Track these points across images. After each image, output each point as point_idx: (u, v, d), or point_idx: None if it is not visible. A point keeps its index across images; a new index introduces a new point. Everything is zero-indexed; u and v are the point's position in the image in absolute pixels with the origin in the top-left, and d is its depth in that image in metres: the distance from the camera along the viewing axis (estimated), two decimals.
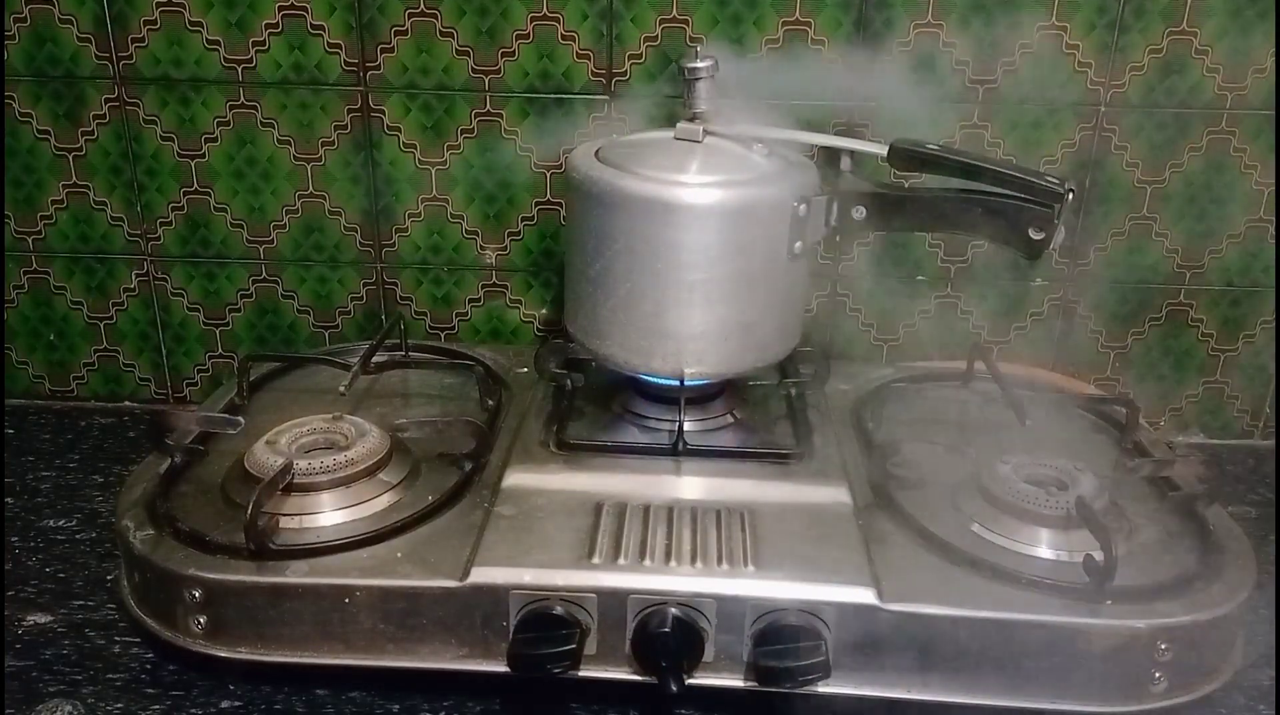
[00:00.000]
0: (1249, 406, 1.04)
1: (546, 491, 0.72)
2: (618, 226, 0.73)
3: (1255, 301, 0.99)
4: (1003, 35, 0.90)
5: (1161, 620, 0.62)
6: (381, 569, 0.65)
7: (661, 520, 0.68)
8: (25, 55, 0.94)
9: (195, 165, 0.97)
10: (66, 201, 0.99)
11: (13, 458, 0.94)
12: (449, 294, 1.02)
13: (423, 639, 0.64)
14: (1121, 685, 0.63)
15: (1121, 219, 0.97)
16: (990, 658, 0.62)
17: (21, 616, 0.72)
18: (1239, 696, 0.67)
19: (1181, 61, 0.91)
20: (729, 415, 0.82)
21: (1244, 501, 0.91)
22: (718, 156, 0.75)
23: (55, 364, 1.06)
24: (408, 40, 0.93)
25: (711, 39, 0.91)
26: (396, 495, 0.72)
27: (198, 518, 0.70)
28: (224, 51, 0.93)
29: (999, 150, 0.94)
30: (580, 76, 0.93)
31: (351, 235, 1.00)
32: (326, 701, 0.66)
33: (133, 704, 0.65)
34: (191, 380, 1.06)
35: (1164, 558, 0.69)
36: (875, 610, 0.62)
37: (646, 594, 0.63)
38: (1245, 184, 0.95)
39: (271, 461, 0.70)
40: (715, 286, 0.73)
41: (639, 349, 0.75)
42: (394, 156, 0.97)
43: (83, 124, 0.96)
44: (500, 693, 0.66)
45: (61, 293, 1.03)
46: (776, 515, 0.70)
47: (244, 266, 1.01)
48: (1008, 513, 0.70)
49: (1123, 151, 0.94)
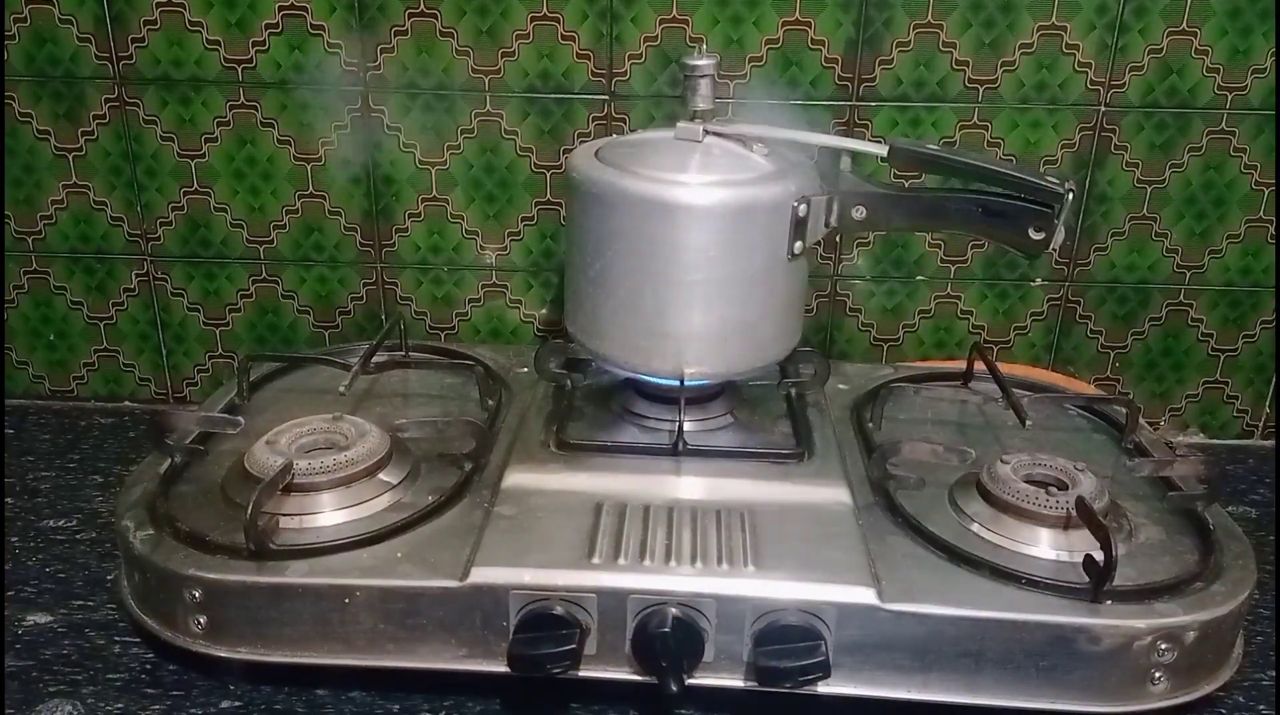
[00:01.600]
0: (1249, 406, 1.04)
1: (546, 491, 0.72)
2: (618, 226, 0.73)
3: (1255, 301, 0.99)
4: (1003, 35, 0.91)
5: (1161, 620, 0.62)
6: (381, 569, 0.65)
7: (661, 520, 0.68)
8: (25, 55, 0.94)
9: (195, 165, 0.97)
10: (66, 201, 0.99)
11: (13, 458, 0.94)
12: (449, 294, 1.02)
13: (423, 639, 0.64)
14: (1121, 685, 0.63)
15: (1121, 219, 0.97)
16: (990, 658, 0.62)
17: (21, 616, 0.72)
18: (1239, 696, 0.67)
19: (1181, 61, 0.91)
20: (729, 415, 0.82)
21: (1244, 501, 0.91)
22: (718, 156, 0.74)
23: (55, 364, 1.06)
24: (408, 40, 0.93)
25: (711, 39, 0.91)
26: (396, 495, 0.72)
27: (198, 518, 0.70)
28: (224, 51, 0.93)
29: (999, 150, 0.94)
30: (580, 76, 0.93)
31: (351, 235, 1.00)
32: (326, 701, 0.66)
33: (133, 704, 0.65)
34: (191, 380, 1.06)
35: (1164, 558, 0.69)
36: (875, 610, 0.62)
37: (646, 594, 0.63)
38: (1245, 184, 0.95)
39: (271, 461, 0.70)
40: (715, 286, 0.73)
41: (639, 349, 0.75)
42: (394, 156, 0.97)
43: (83, 124, 0.96)
44: (500, 693, 0.66)
45: (61, 293, 1.03)
46: (776, 515, 0.70)
47: (244, 266, 1.01)
48: (1008, 513, 0.70)
49: (1123, 151, 0.94)
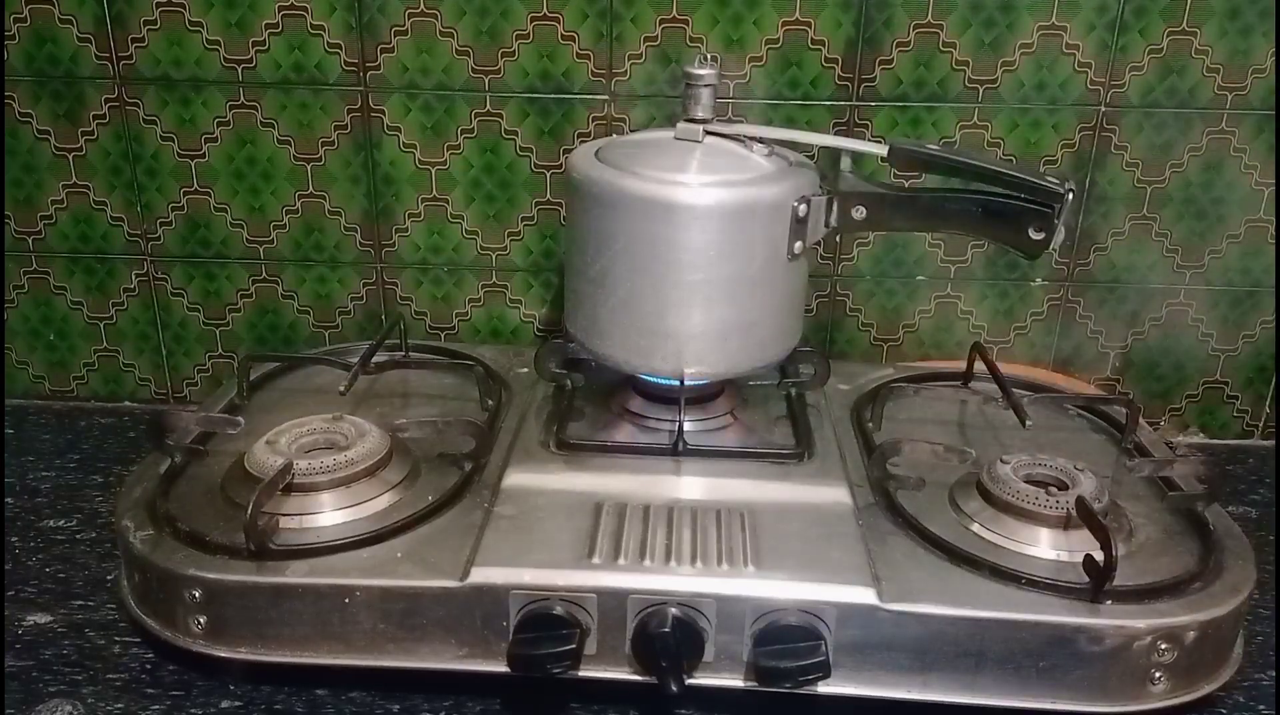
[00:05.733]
0: (1249, 406, 1.04)
1: (546, 491, 0.72)
2: (618, 226, 0.73)
3: (1255, 301, 0.99)
4: (1003, 35, 0.91)
5: (1161, 620, 0.62)
6: (381, 569, 0.65)
7: (661, 520, 0.68)
8: (25, 55, 0.94)
9: (195, 165, 0.97)
10: (66, 201, 0.99)
11: (13, 458, 0.94)
12: (449, 294, 1.02)
13: (423, 639, 0.64)
14: (1121, 685, 0.63)
15: (1121, 219, 0.97)
16: (990, 658, 0.62)
17: (21, 616, 0.72)
18: (1239, 696, 0.67)
19: (1181, 61, 0.91)
20: (729, 415, 0.82)
21: (1244, 501, 0.91)
22: (718, 156, 0.74)
23: (55, 364, 1.06)
24: (408, 40, 0.93)
25: (711, 39, 0.91)
26: (396, 495, 0.72)
27: (198, 518, 0.70)
28: (224, 51, 0.93)
29: (999, 150, 0.94)
30: (580, 76, 0.93)
31: (351, 235, 1.00)
32: (326, 701, 0.66)
33: (133, 704, 0.65)
34: (191, 380, 1.06)
35: (1164, 558, 0.69)
36: (875, 610, 0.62)
37: (646, 594, 0.63)
38: (1245, 184, 0.95)
39: (271, 461, 0.70)
40: (715, 286, 0.73)
41: (639, 349, 0.75)
42: (394, 156, 0.97)
43: (83, 124, 0.96)
44: (500, 693, 0.66)
45: (61, 293, 1.03)
46: (776, 515, 0.70)
47: (244, 266, 1.01)
48: (1008, 513, 0.70)
49: (1123, 151, 0.94)
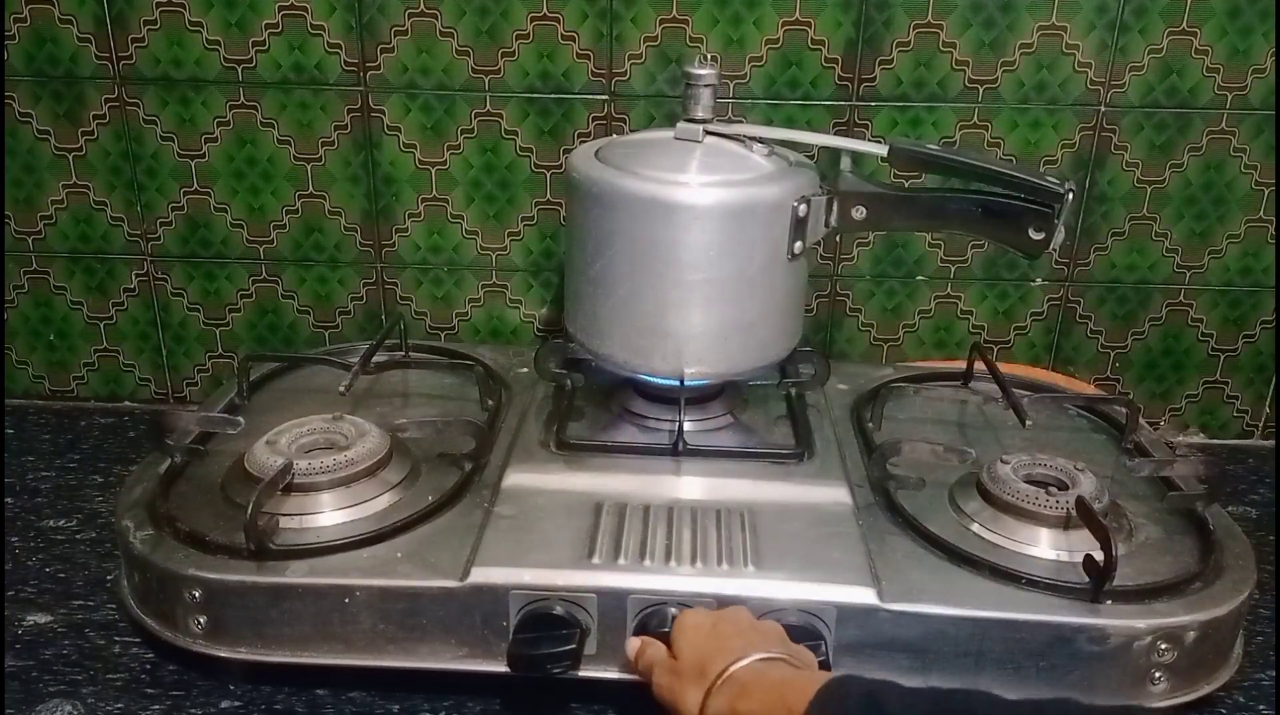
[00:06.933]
0: (1249, 406, 1.04)
1: (546, 491, 0.72)
2: (618, 226, 0.73)
3: (1255, 301, 0.99)
4: (1003, 35, 0.91)
5: (1161, 620, 0.62)
6: (381, 569, 0.65)
7: (661, 520, 0.68)
8: (25, 55, 0.94)
9: (195, 165, 0.97)
10: (66, 201, 0.99)
11: (13, 458, 0.93)
12: (449, 294, 1.02)
13: (423, 639, 0.64)
14: (1121, 685, 0.63)
15: (1121, 219, 0.97)
16: (990, 657, 0.62)
17: (21, 616, 0.72)
18: (1239, 696, 0.67)
19: (1181, 61, 0.91)
20: (729, 415, 0.82)
21: (1244, 501, 0.91)
22: (718, 156, 0.74)
23: (55, 364, 1.06)
24: (408, 40, 0.93)
25: (711, 39, 0.91)
26: (396, 495, 0.72)
27: (198, 518, 0.70)
28: (224, 51, 0.93)
29: (999, 150, 0.94)
30: (580, 76, 0.93)
31: (351, 235, 1.00)
32: (326, 701, 0.66)
33: (133, 704, 0.65)
34: (191, 380, 1.06)
35: (1164, 558, 0.69)
36: (875, 610, 0.62)
37: (646, 594, 0.63)
38: (1245, 184, 0.95)
39: (271, 461, 0.70)
40: (715, 286, 0.73)
41: (639, 349, 0.75)
42: (394, 156, 0.97)
43: (83, 124, 0.96)
44: (500, 693, 0.66)
45: (61, 293, 1.03)
46: (776, 515, 0.70)
47: (244, 266, 1.01)
48: (1008, 513, 0.70)
49: (1123, 151, 0.94)
